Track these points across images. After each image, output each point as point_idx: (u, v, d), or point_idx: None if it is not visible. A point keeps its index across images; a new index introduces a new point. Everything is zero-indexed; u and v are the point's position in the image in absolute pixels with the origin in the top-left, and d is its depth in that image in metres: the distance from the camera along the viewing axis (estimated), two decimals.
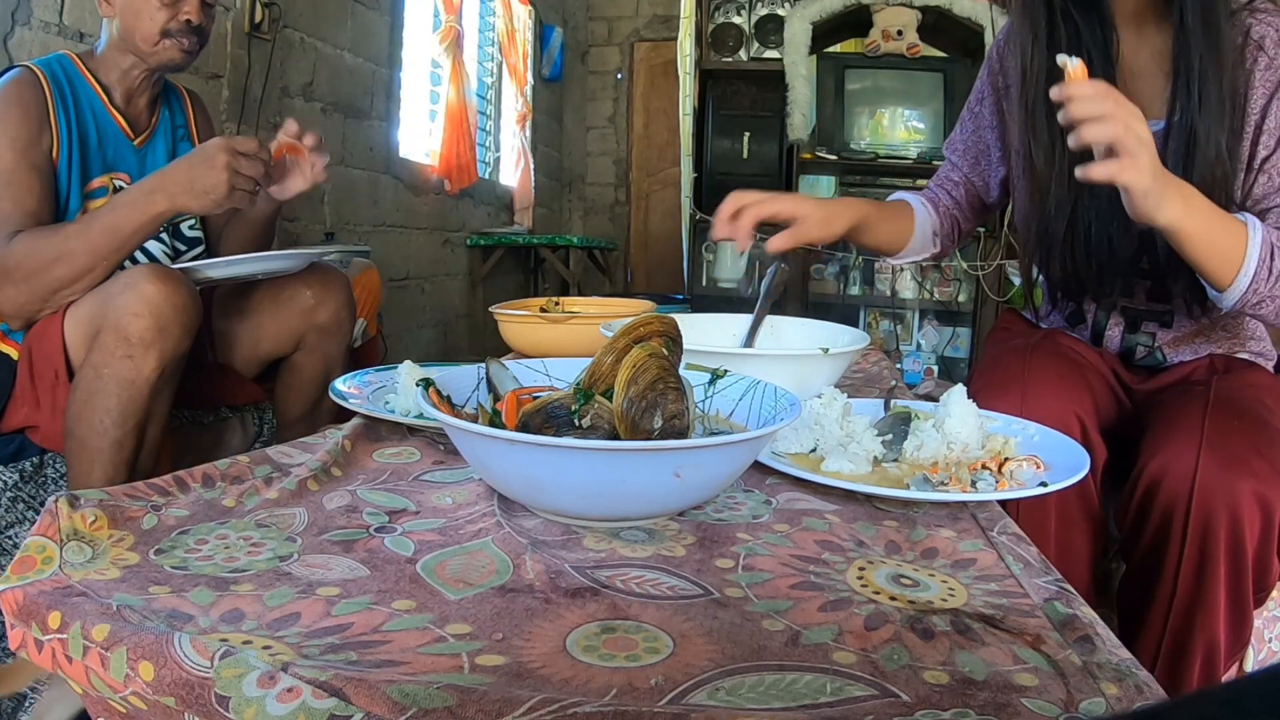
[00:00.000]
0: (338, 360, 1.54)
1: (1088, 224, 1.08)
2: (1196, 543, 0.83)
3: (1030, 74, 1.11)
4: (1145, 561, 0.89)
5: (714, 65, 3.66)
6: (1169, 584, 0.85)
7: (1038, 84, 1.09)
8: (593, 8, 6.23)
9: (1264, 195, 0.98)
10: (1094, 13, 1.06)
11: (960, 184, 1.32)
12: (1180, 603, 0.85)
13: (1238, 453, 0.83)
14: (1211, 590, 0.83)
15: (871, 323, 3.66)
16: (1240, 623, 0.85)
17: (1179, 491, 0.84)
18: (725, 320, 1.18)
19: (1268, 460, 0.83)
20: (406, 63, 3.79)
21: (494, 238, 4.53)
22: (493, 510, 0.65)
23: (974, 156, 1.30)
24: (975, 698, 0.42)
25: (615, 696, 0.41)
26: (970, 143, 1.30)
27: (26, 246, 1.25)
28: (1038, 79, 1.09)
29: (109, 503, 0.59)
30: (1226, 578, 0.82)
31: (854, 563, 0.59)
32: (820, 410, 0.80)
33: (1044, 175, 1.11)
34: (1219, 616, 0.83)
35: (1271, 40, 0.97)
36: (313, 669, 0.41)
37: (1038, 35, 1.09)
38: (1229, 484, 0.82)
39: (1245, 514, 0.81)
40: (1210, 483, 0.82)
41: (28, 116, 1.31)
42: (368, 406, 0.89)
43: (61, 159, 1.35)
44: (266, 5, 2.66)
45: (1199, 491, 0.82)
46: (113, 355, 1.17)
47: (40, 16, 1.90)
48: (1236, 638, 0.85)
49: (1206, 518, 0.82)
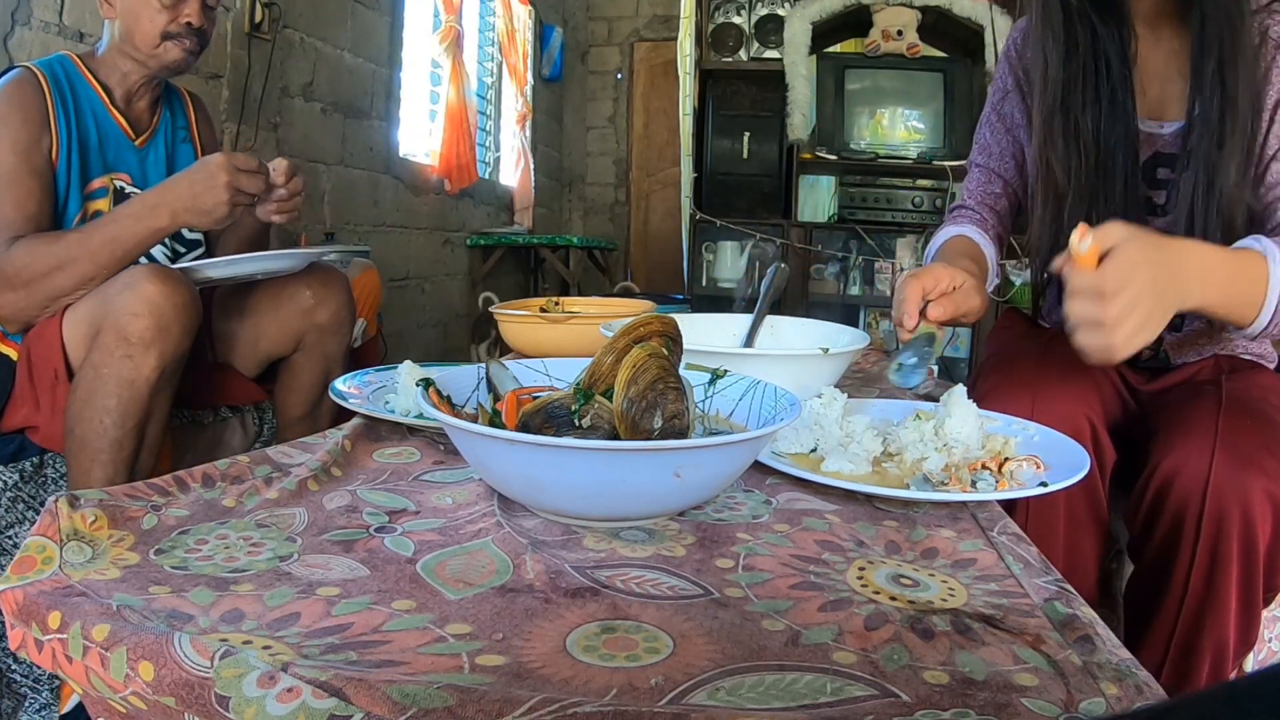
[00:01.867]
0: (338, 360, 1.54)
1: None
2: (1209, 542, 0.82)
3: (1048, 80, 1.08)
4: (1155, 561, 0.88)
5: (714, 65, 3.66)
6: (1180, 584, 0.85)
7: (1055, 92, 1.07)
8: (593, 8, 6.23)
9: (1276, 183, 0.97)
10: (1112, 14, 1.04)
11: (1003, 195, 1.26)
12: (1191, 603, 0.84)
13: (1250, 452, 0.83)
14: (1223, 590, 0.83)
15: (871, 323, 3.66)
16: (1249, 623, 0.85)
17: (1192, 490, 0.83)
18: (725, 320, 1.18)
19: (1278, 457, 0.83)
20: (406, 63, 3.79)
21: (494, 238, 4.53)
22: (493, 510, 0.65)
23: (1014, 160, 1.25)
24: (975, 698, 0.42)
25: (615, 696, 0.41)
26: (1006, 145, 1.25)
27: (27, 253, 1.25)
28: (1055, 86, 1.07)
29: (109, 503, 0.59)
30: (1239, 577, 0.82)
31: (854, 563, 0.59)
32: (820, 410, 0.80)
33: (1061, 187, 1.08)
34: (1229, 617, 0.83)
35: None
36: (313, 669, 0.41)
37: (1055, 37, 1.07)
38: (1242, 483, 0.81)
39: (1258, 512, 0.81)
40: (1224, 481, 0.82)
41: (28, 118, 1.31)
42: (368, 406, 0.89)
43: (61, 160, 1.35)
44: (266, 5, 2.66)
45: (1212, 490, 0.82)
46: (112, 355, 1.17)
47: (40, 16, 1.90)
48: (1244, 638, 0.85)
49: (1220, 516, 0.82)
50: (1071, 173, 1.06)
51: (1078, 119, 1.06)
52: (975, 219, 1.26)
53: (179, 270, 1.26)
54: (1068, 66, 1.06)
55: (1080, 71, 1.05)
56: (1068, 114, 1.07)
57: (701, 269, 3.69)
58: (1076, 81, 1.06)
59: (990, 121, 1.27)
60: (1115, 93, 1.04)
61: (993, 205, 1.26)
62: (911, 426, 0.79)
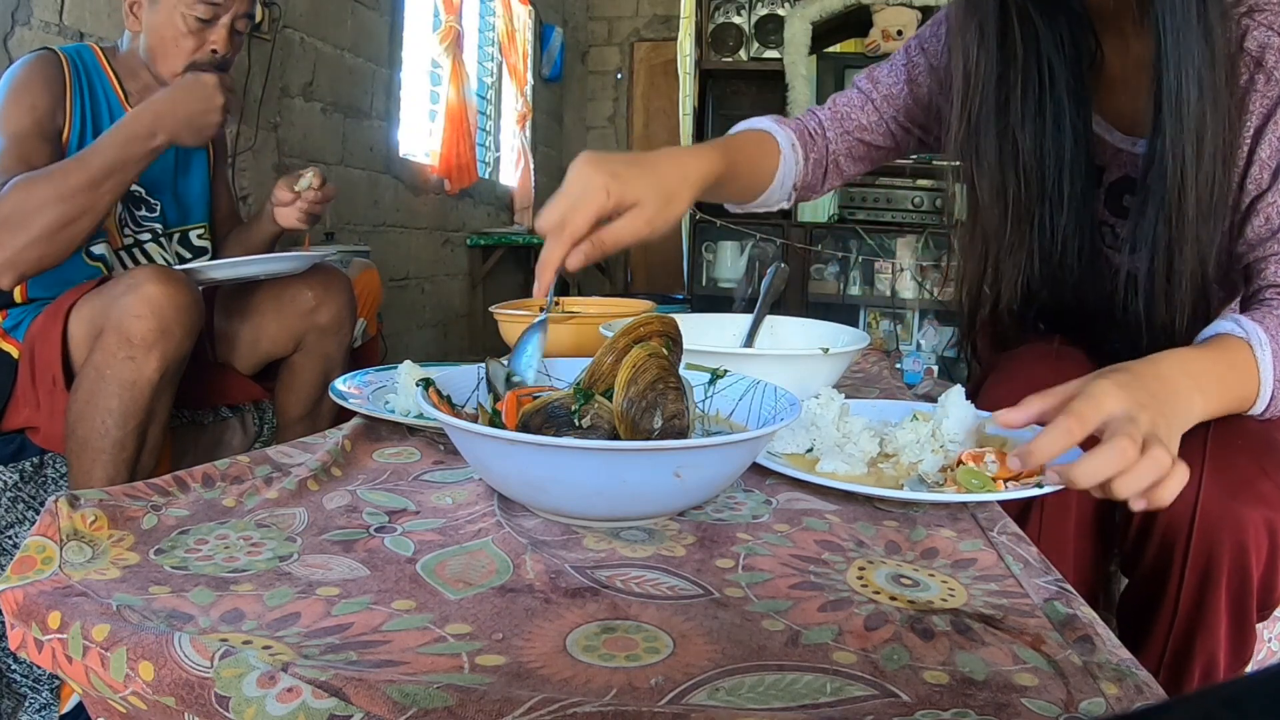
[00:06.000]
0: (338, 360, 1.54)
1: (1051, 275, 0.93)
2: (1198, 570, 0.76)
3: (974, 85, 0.92)
4: (1146, 580, 0.83)
5: (714, 65, 3.66)
6: (1170, 606, 0.79)
7: (984, 98, 0.92)
8: (593, 8, 6.23)
9: (1259, 241, 0.83)
10: (1060, 9, 0.88)
11: (865, 129, 1.09)
12: (1180, 625, 0.80)
13: (1243, 476, 0.75)
14: (1212, 615, 0.78)
15: (871, 323, 3.66)
16: (1242, 643, 0.80)
17: (1179, 518, 0.76)
18: (725, 320, 1.18)
19: (1274, 480, 0.76)
20: (406, 63, 3.79)
21: (494, 238, 4.54)
22: (493, 510, 0.65)
23: (901, 106, 1.07)
24: (975, 698, 0.42)
25: (615, 696, 0.41)
26: (898, 93, 1.07)
27: (21, 190, 1.21)
28: (982, 93, 0.91)
29: (109, 503, 0.59)
30: (1228, 604, 0.77)
31: (854, 563, 0.59)
32: (817, 411, 0.80)
33: (989, 213, 0.94)
34: (1219, 638, 0.79)
35: (1273, 53, 0.81)
36: (313, 669, 0.41)
37: (985, 36, 0.91)
38: (1235, 513, 0.74)
39: (1251, 542, 0.74)
40: (1213, 510, 0.75)
41: (48, 90, 1.33)
42: (368, 406, 0.89)
43: (72, 140, 1.36)
44: (266, 5, 2.66)
45: (1201, 519, 0.75)
46: (115, 356, 1.17)
47: (40, 16, 1.90)
48: (1238, 656, 0.80)
49: (1209, 547, 0.75)
50: (1009, 197, 0.93)
51: (1015, 134, 0.92)
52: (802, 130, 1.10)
53: (182, 272, 1.26)
54: (1002, 70, 0.91)
55: (1019, 78, 0.90)
56: (1004, 130, 0.92)
57: (701, 269, 3.69)
58: (1014, 89, 0.91)
59: (895, 63, 1.09)
60: (1063, 105, 0.90)
61: (842, 129, 1.10)
62: (909, 427, 0.78)
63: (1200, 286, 0.85)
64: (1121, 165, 0.95)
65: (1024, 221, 0.94)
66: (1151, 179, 0.83)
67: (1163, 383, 0.67)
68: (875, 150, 1.12)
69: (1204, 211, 0.81)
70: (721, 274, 3.66)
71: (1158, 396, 0.65)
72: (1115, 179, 0.96)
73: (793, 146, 1.08)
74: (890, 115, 1.09)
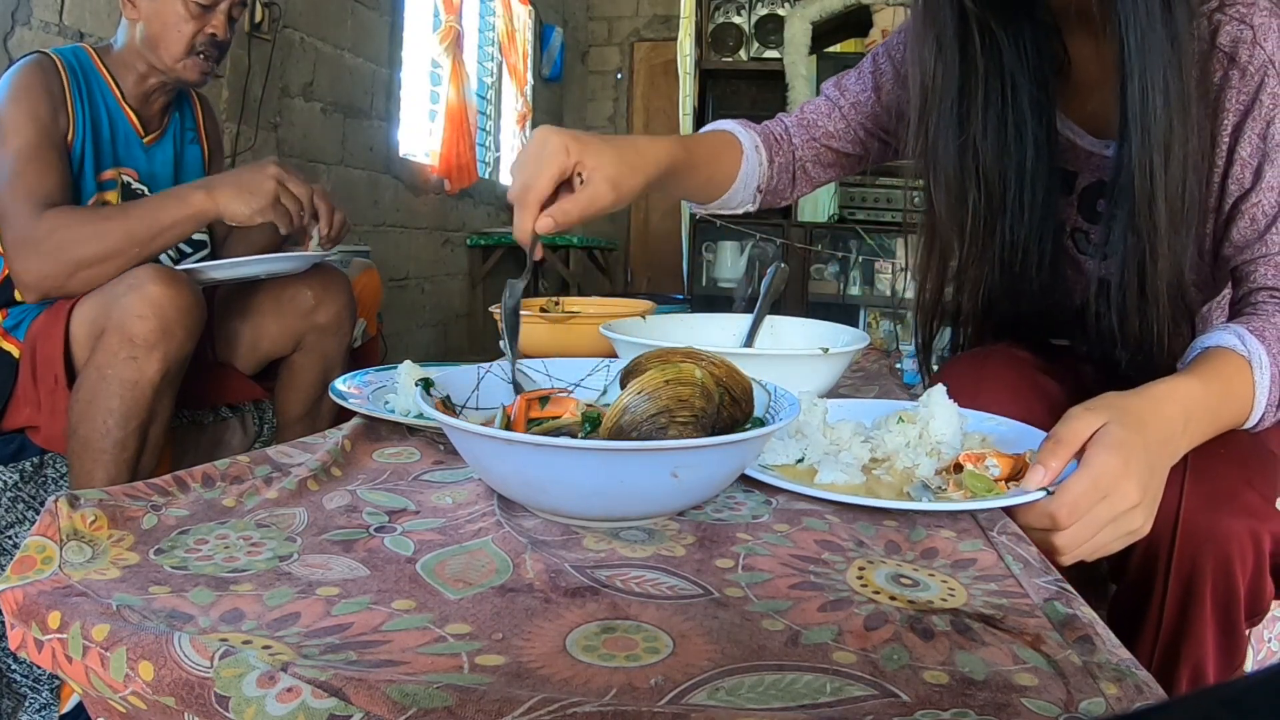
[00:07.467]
0: (338, 360, 1.55)
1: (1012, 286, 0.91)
2: (1181, 581, 0.75)
3: (932, 98, 0.90)
4: (1131, 589, 0.82)
5: (714, 65, 3.66)
6: (1155, 615, 0.78)
7: (942, 112, 0.89)
8: (593, 8, 6.24)
9: (1247, 243, 0.80)
10: (1023, 14, 0.86)
11: (832, 135, 1.08)
12: (1166, 634, 0.78)
13: (1226, 487, 0.73)
14: (1198, 624, 0.76)
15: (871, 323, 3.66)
16: (1231, 650, 0.78)
17: (1161, 530, 0.73)
18: (725, 320, 1.18)
19: (1258, 490, 0.74)
20: (406, 63, 3.80)
21: (494, 238, 4.54)
22: (493, 510, 0.65)
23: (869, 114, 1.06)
24: (975, 698, 0.42)
25: (615, 696, 0.41)
26: (865, 100, 1.06)
27: (60, 219, 1.24)
28: (943, 105, 0.89)
29: (109, 503, 0.59)
30: (1214, 613, 0.75)
31: (854, 563, 0.59)
32: (801, 419, 0.79)
33: (948, 225, 0.93)
34: (1206, 646, 0.77)
35: (1246, 47, 0.78)
36: (312, 669, 0.41)
37: (943, 49, 0.88)
38: (1217, 525, 0.72)
39: (1236, 554, 0.72)
40: (1196, 522, 0.73)
41: (48, 96, 1.33)
42: (368, 406, 0.89)
43: (76, 143, 1.36)
44: (266, 5, 2.66)
45: (1183, 532, 0.73)
46: (116, 356, 1.18)
47: (40, 16, 1.91)
48: (1228, 663, 0.79)
49: (1192, 559, 0.74)
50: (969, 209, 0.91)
51: (976, 146, 0.90)
52: (768, 135, 1.08)
53: (183, 272, 1.27)
54: (962, 83, 0.89)
55: (979, 90, 0.89)
56: (965, 144, 0.90)
57: (701, 269, 3.69)
58: (974, 101, 0.89)
59: (863, 70, 1.08)
60: (1025, 116, 0.89)
61: (809, 137, 1.09)
62: (897, 430, 0.76)
63: (1178, 294, 0.83)
64: (1094, 170, 0.93)
65: (984, 233, 0.93)
66: (1120, 186, 0.82)
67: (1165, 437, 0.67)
68: (844, 157, 1.12)
69: (1175, 221, 0.79)
70: (721, 274, 3.66)
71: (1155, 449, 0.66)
72: (1088, 184, 0.94)
73: (756, 148, 1.07)
74: (858, 122, 1.09)
